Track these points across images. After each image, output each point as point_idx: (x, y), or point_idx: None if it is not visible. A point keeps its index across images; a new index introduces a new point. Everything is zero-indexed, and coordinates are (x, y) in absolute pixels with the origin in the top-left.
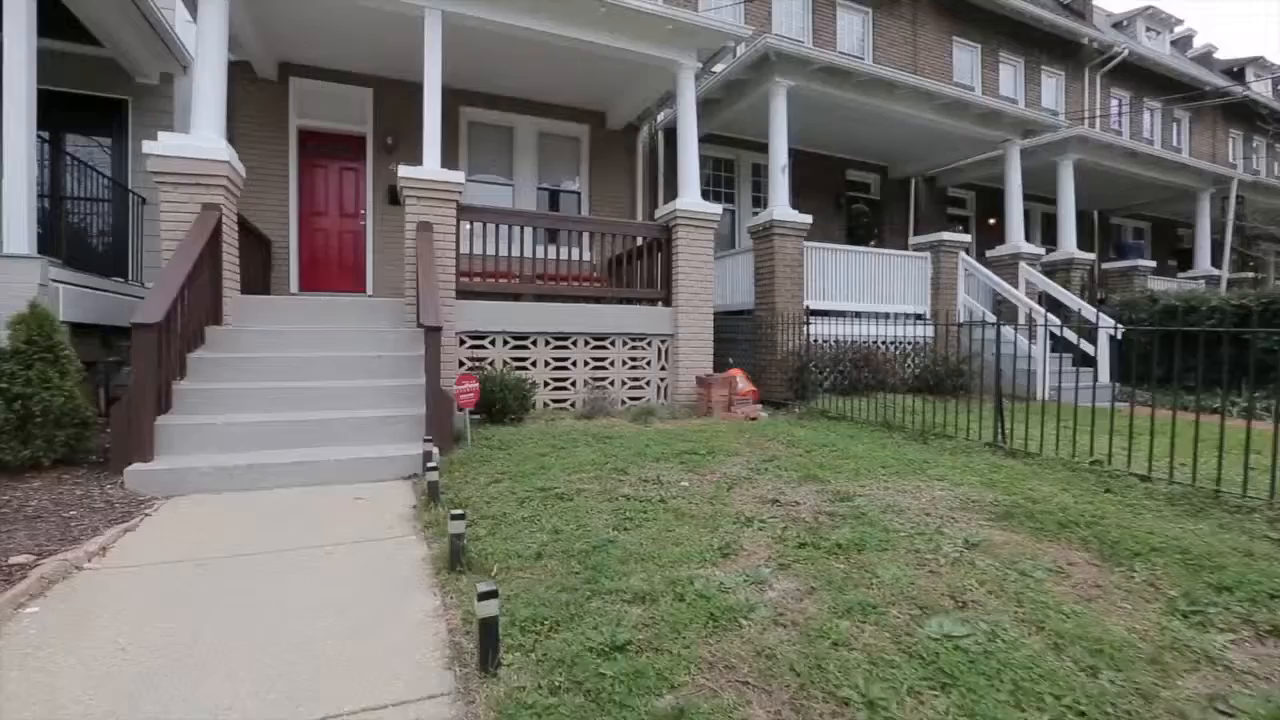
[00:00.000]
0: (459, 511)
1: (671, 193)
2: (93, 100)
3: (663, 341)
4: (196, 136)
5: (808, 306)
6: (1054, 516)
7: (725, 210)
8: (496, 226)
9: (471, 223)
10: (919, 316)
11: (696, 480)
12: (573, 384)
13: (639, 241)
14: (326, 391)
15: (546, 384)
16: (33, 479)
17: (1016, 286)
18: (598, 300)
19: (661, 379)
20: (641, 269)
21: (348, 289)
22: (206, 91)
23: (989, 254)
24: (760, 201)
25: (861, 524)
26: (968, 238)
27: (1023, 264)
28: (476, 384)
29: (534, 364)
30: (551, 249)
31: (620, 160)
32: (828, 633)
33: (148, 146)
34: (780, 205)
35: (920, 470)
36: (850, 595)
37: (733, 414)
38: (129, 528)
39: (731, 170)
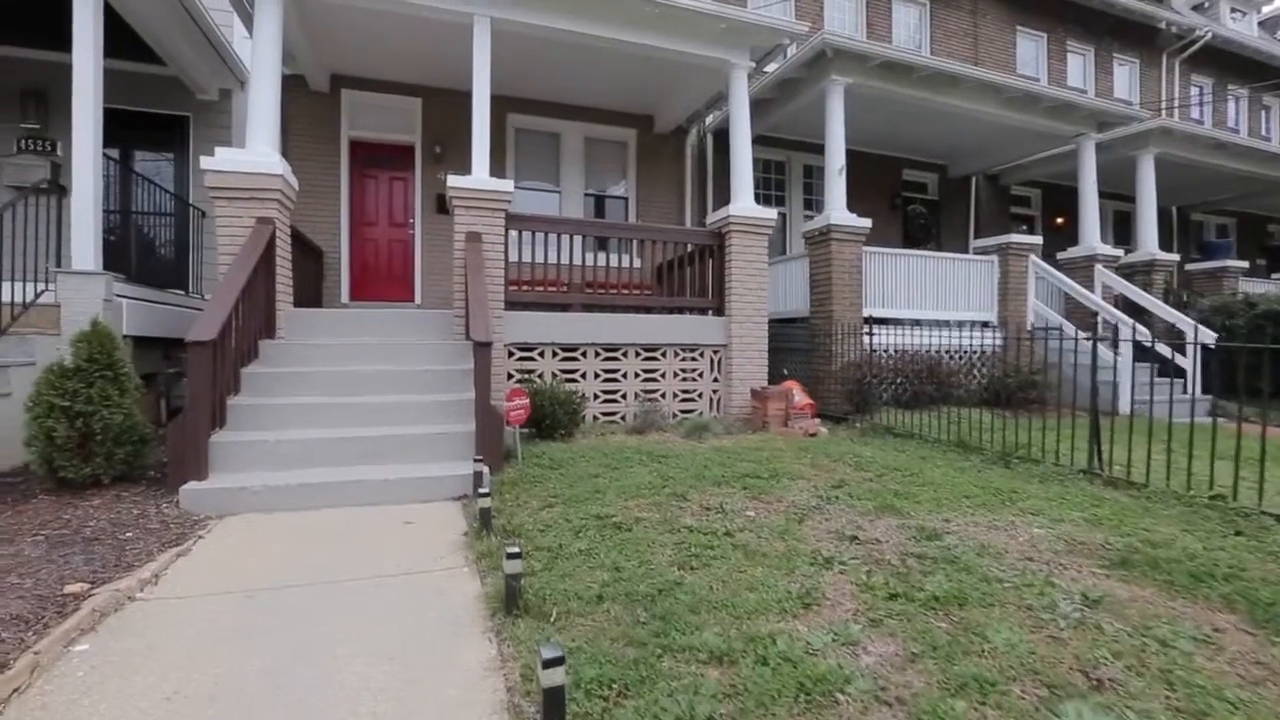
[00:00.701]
0: (514, 549)
1: (721, 197)
2: (158, 118)
3: (715, 352)
4: (251, 151)
5: (869, 315)
6: (1182, 566)
7: (777, 214)
8: (545, 235)
9: (520, 231)
10: (984, 324)
11: (763, 509)
12: (623, 396)
13: (688, 248)
14: (376, 407)
15: (596, 396)
16: (93, 496)
17: (1092, 290)
18: (647, 310)
19: (714, 391)
20: (692, 277)
21: (396, 298)
22: (260, 106)
23: (1060, 256)
24: (812, 204)
25: (956, 570)
26: (1038, 239)
27: (1098, 266)
28: (527, 400)
29: (583, 376)
30: (600, 256)
31: (668, 164)
32: (942, 716)
33: (204, 162)
34: (837, 209)
35: (1010, 502)
36: (961, 666)
37: (790, 429)
38: (182, 551)
39: (783, 172)
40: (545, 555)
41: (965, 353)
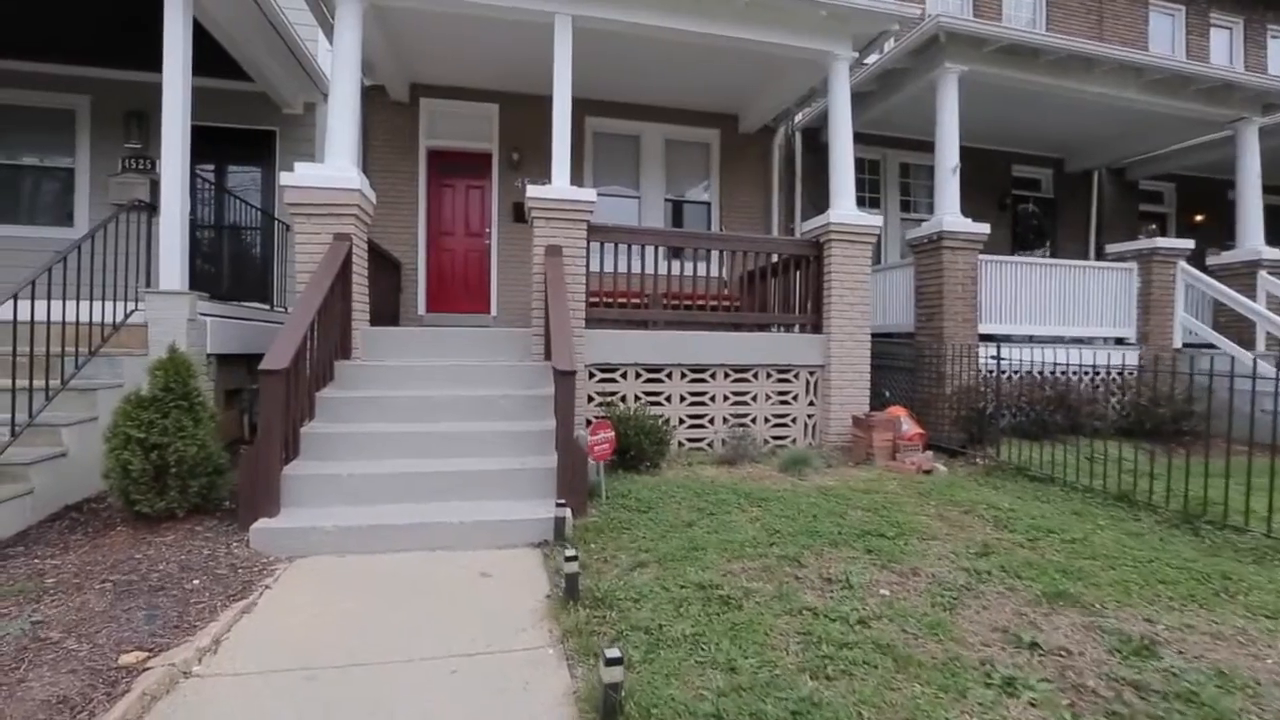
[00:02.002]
0: (615, 653)
1: (812, 201)
2: (246, 134)
3: (811, 373)
4: (329, 165)
5: (984, 332)
6: None
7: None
8: (629, 247)
9: (602, 243)
10: (1119, 340)
11: (898, 585)
12: (710, 421)
13: (773, 258)
14: (451, 436)
15: (682, 421)
16: (167, 531)
17: (1255, 299)
18: (737, 327)
19: (809, 416)
20: (785, 289)
21: (472, 310)
22: (339, 119)
23: (1212, 261)
24: (911, 206)
25: (1200, 715)
26: (1188, 244)
27: (1263, 273)
28: (612, 433)
29: (668, 399)
30: (679, 265)
31: (753, 166)
32: None
33: (283, 179)
34: (950, 212)
35: (1227, 594)
36: None
37: (901, 464)
38: (247, 607)
39: (877, 171)
40: (643, 639)
41: (1097, 374)
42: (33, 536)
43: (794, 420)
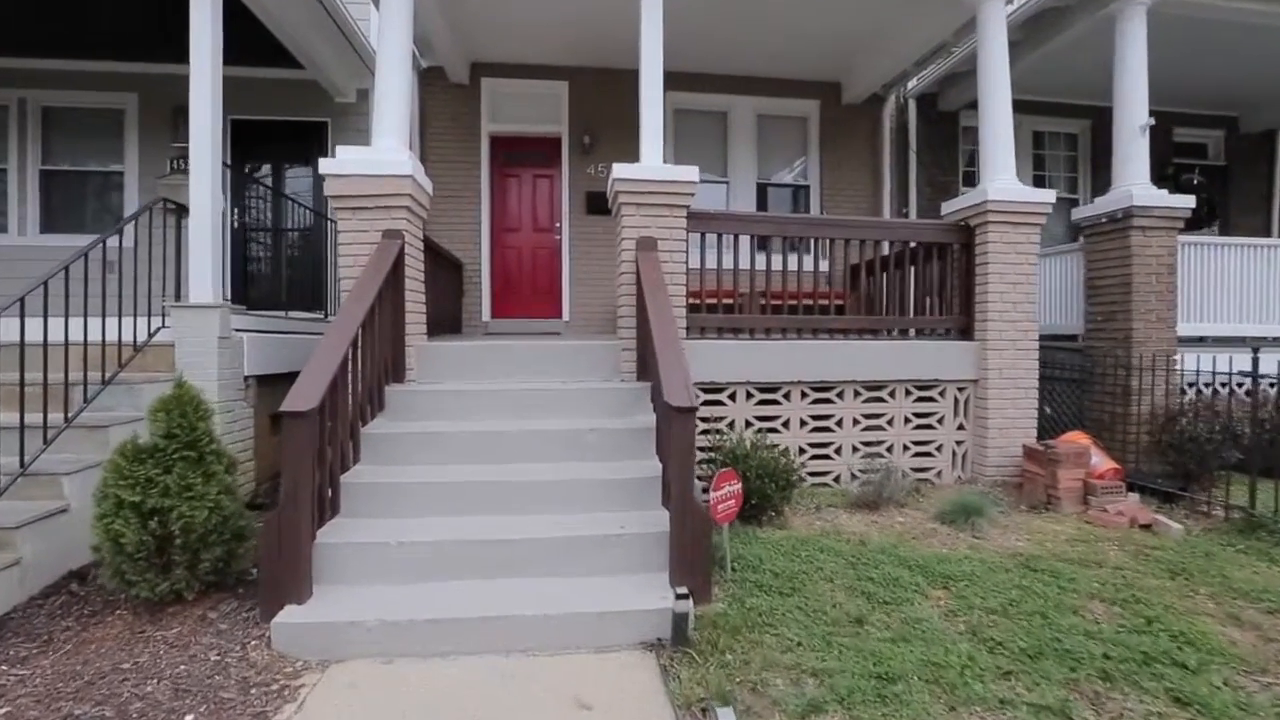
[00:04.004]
0: None
1: (929, 180)
2: (295, 126)
3: (960, 389)
4: (376, 147)
5: (1195, 334)
6: None
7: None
8: (735, 239)
9: (703, 234)
10: None
11: None
12: (837, 451)
13: (883, 248)
14: (527, 488)
15: (802, 450)
16: (172, 620)
17: None
18: (872, 333)
19: (958, 443)
20: (918, 283)
21: (543, 314)
22: (388, 94)
23: None
24: (1044, 181)
25: None
26: None
27: None
28: (738, 484)
29: (785, 424)
30: (781, 259)
31: (859, 143)
32: None
33: (323, 165)
34: (1140, 182)
35: None
36: None
37: (1104, 514)
38: None
39: None
40: None
41: None
42: (17, 620)
43: (939, 448)
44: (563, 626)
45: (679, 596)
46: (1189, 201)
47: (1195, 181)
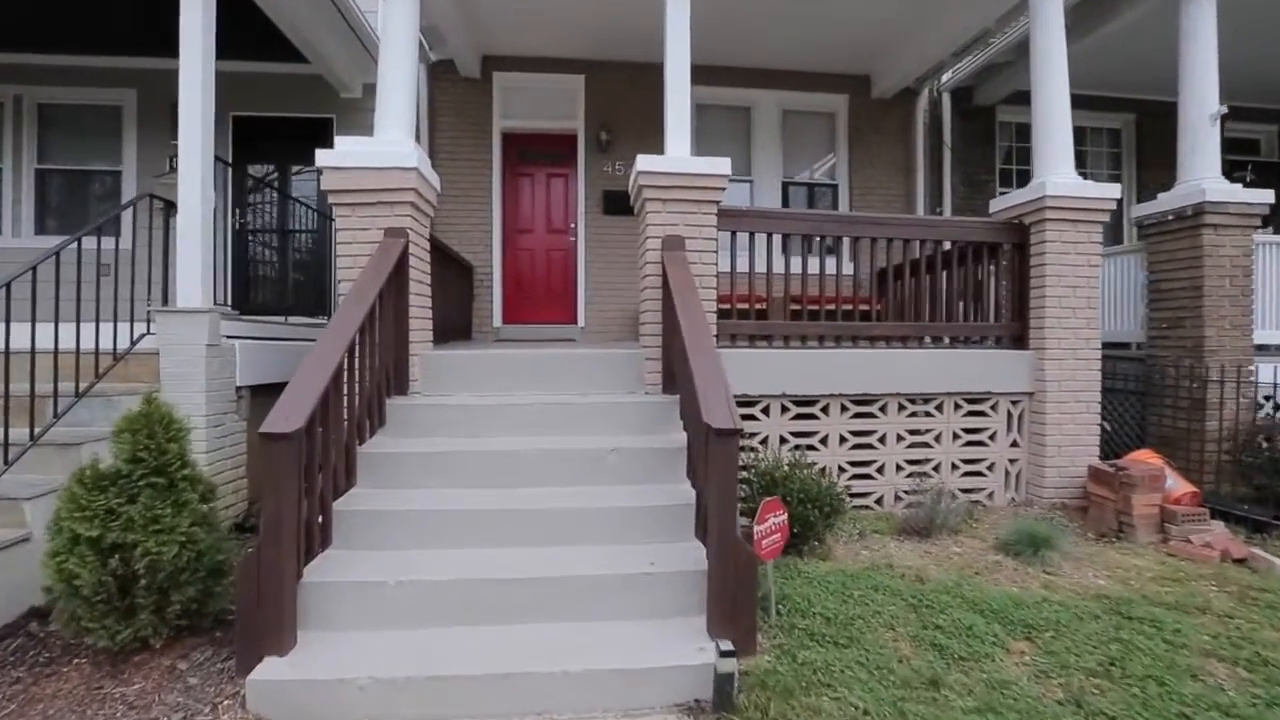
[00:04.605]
0: None
1: (965, 179)
2: (300, 123)
3: (1014, 403)
4: (378, 139)
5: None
6: None
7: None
8: (768, 238)
9: (734, 233)
10: None
11: None
12: (879, 470)
13: (924, 248)
14: (540, 517)
15: (842, 470)
16: (135, 673)
17: None
18: (918, 340)
19: (1011, 461)
20: (963, 287)
21: (556, 319)
22: (392, 82)
23: None
24: (1087, 179)
25: None
26: None
27: None
28: (784, 516)
29: (823, 441)
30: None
31: (890, 140)
32: None
33: (320, 157)
34: (1210, 175)
35: None
36: None
37: (1189, 546)
38: None
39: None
40: None
41: None
42: None
43: (990, 467)
44: (585, 685)
45: (723, 654)
46: (1268, 197)
47: (1247, 179)
